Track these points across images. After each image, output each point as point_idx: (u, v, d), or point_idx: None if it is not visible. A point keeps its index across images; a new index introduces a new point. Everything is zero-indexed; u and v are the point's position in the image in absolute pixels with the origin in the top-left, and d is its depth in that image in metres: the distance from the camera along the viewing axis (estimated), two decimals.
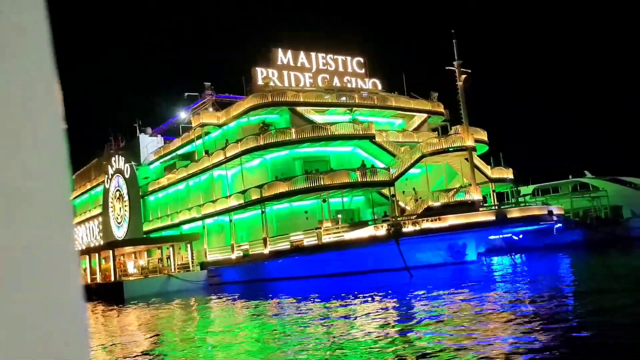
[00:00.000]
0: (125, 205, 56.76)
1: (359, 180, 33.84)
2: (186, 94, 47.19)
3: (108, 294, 38.59)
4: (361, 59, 49.29)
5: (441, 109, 47.05)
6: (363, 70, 49.04)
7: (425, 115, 45.54)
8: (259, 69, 44.19)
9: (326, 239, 32.40)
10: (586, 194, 44.75)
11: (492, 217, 30.86)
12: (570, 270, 28.26)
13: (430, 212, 32.73)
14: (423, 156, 35.87)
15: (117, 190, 58.82)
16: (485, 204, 36.95)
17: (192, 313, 24.27)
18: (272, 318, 18.62)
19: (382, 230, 30.65)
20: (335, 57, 48.16)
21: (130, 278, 39.02)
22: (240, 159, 38.05)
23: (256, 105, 39.55)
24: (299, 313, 18.67)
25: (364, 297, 21.53)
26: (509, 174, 41.60)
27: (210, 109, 46.69)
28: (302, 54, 46.43)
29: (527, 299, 17.00)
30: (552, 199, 45.20)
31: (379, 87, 48.55)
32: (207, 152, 42.61)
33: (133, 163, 55.29)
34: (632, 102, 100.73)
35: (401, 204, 36.16)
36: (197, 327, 18.97)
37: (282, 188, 34.73)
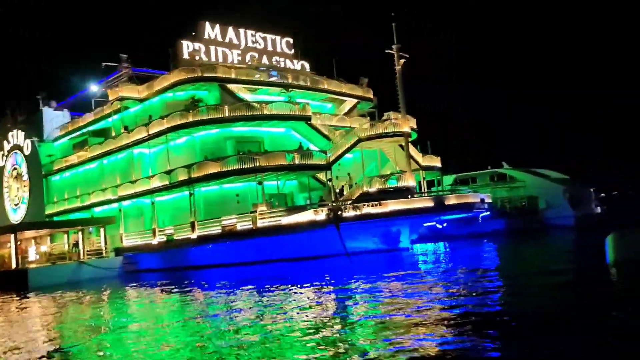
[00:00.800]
0: (25, 186, 51.42)
1: (296, 162, 32.37)
2: (104, 63, 43.13)
3: (8, 283, 34.48)
4: (290, 39, 47.65)
5: (370, 95, 46.60)
6: (292, 51, 47.43)
7: (355, 100, 44.85)
8: (184, 42, 41.26)
9: (261, 223, 30.70)
10: (505, 185, 46.28)
11: (431, 204, 30.68)
12: (501, 257, 28.74)
13: (366, 198, 32.06)
14: (360, 140, 35.07)
15: (15, 168, 53.19)
16: (416, 192, 36.84)
17: (106, 305, 21.64)
18: (198, 311, 16.85)
19: (321, 215, 29.47)
20: (265, 35, 46.17)
21: (36, 265, 35.05)
22: (166, 136, 35.23)
23: (183, 80, 36.81)
24: (230, 305, 16.99)
25: (301, 285, 20.33)
26: (437, 162, 41.95)
27: (128, 84, 43.11)
28: (230, 30, 44.01)
29: (466, 286, 17.02)
30: (473, 189, 46.26)
31: (307, 69, 47.21)
32: (126, 128, 39.21)
33: (35, 139, 50.10)
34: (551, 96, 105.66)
35: (336, 189, 35.13)
36: (112, 323, 16.55)
37: (214, 169, 32.50)
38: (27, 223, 41.41)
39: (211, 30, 42.86)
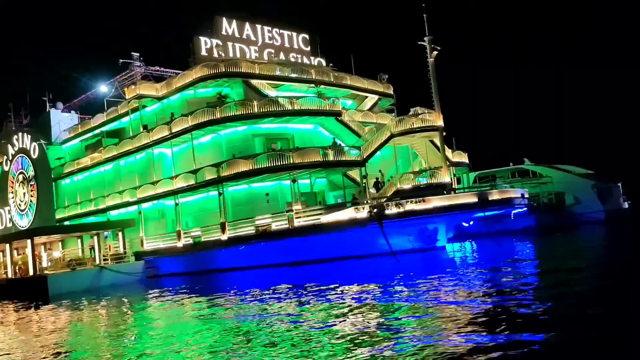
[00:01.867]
0: (32, 190, 49.59)
1: (330, 159, 31.00)
2: (121, 60, 41.61)
3: (26, 291, 32.75)
4: (307, 36, 46.33)
5: (391, 91, 45.40)
6: (309, 48, 46.12)
7: (376, 97, 43.60)
8: (202, 39, 39.83)
9: (298, 222, 29.28)
10: (533, 181, 45.21)
11: (475, 199, 29.41)
12: (552, 254, 27.41)
13: (402, 195, 30.78)
14: (392, 136, 33.74)
15: (21, 173, 51.33)
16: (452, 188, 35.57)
17: (135, 314, 19.84)
18: (231, 318, 15.27)
19: (363, 213, 28.11)
20: (281, 31, 44.82)
21: (56, 271, 33.32)
22: (190, 134, 33.71)
23: (206, 76, 35.34)
24: (265, 314, 15.27)
25: (344, 288, 18.84)
26: (465, 158, 40.78)
27: (145, 81, 41.63)
28: (247, 25, 42.62)
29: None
30: (489, 186, 45.14)
31: (324, 65, 45.91)
32: (145, 127, 37.60)
33: (43, 142, 48.32)
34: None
35: (370, 186, 33.78)
36: (145, 335, 14.92)
37: (244, 167, 31.03)
38: (45, 227, 39.55)
39: (228, 26, 41.45)
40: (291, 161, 30.41)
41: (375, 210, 27.75)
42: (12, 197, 52.58)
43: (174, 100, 37.77)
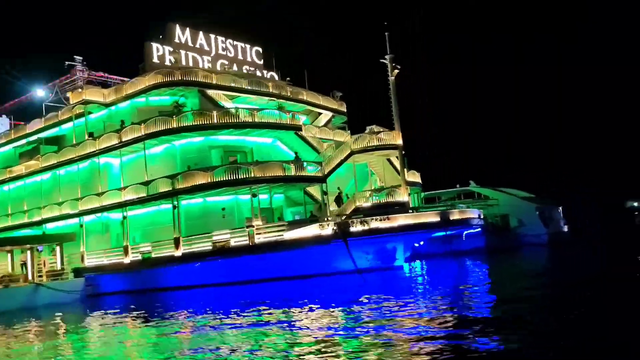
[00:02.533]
0: None
1: (292, 174, 30.18)
2: (67, 62, 39.07)
3: None
4: (260, 49, 45.66)
5: (344, 108, 45.29)
6: (262, 61, 45.42)
7: (330, 114, 43.30)
8: (154, 45, 38.26)
9: (258, 239, 28.15)
10: (480, 203, 46.18)
11: (438, 219, 29.44)
12: (493, 274, 27.62)
13: (363, 213, 30.47)
14: (352, 153, 33.40)
15: None
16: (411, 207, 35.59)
17: (72, 338, 17.40)
18: (185, 344, 14.02)
19: (328, 230, 27.42)
20: (235, 43, 43.94)
21: None
22: (144, 143, 31.91)
23: (160, 84, 33.77)
24: (223, 338, 14.03)
25: (309, 308, 18.11)
26: (418, 178, 41.03)
27: (91, 86, 39.50)
28: (201, 35, 41.44)
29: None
30: (447, 206, 45.80)
31: (278, 79, 45.28)
32: (91, 134, 35.32)
33: None
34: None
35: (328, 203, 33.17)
36: None
37: (202, 179, 29.64)
38: None
39: (181, 34, 40.13)
40: (252, 175, 29.32)
41: (340, 227, 27.12)
42: None
43: (123, 108, 35.81)
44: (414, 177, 40.24)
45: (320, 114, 42.66)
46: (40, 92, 46.39)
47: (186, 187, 29.80)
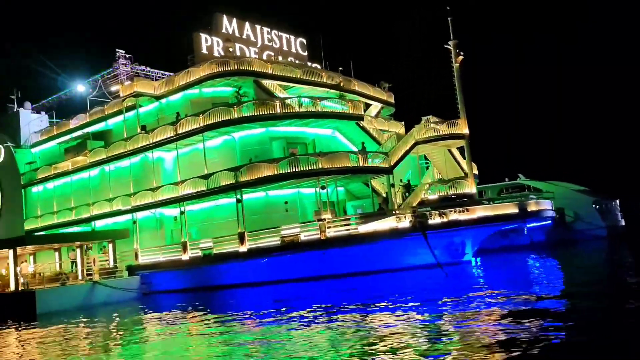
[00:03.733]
0: None
1: (361, 165, 28.83)
2: (118, 52, 37.83)
3: (8, 307, 28.56)
4: (304, 40, 44.44)
5: (392, 99, 43.86)
6: (306, 53, 44.17)
7: (380, 105, 41.95)
8: (203, 35, 37.14)
9: (328, 233, 26.82)
10: (536, 195, 44.48)
11: (516, 210, 27.95)
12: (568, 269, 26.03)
13: (430, 206, 29.10)
14: (417, 143, 32.01)
15: None
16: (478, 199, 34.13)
17: (142, 339, 16.20)
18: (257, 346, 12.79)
19: (405, 222, 26.03)
20: (280, 34, 42.75)
21: (45, 286, 29.22)
22: (202, 135, 30.69)
23: (215, 74, 32.56)
24: (297, 340, 12.76)
25: (391, 304, 16.66)
26: (475, 170, 39.52)
27: (142, 79, 38.50)
28: (247, 25, 40.27)
29: None
30: (506, 199, 44.20)
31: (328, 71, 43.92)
32: (144, 128, 34.18)
33: (10, 144, 43.57)
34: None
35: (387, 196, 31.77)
36: None
37: (267, 171, 28.35)
38: (34, 236, 34.81)
39: (228, 25, 39.01)
40: (319, 166, 27.98)
41: (417, 220, 25.74)
42: None
43: (175, 100, 34.64)
44: (473, 169, 38.77)
45: (369, 105, 41.31)
46: (80, 88, 45.31)
47: (250, 179, 28.50)
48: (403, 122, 40.41)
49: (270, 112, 29.73)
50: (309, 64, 43.04)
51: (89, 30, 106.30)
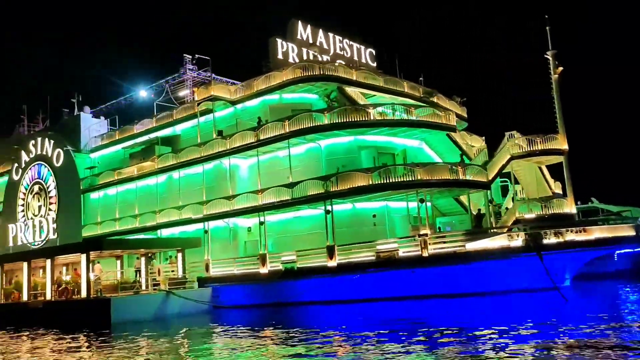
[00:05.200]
0: (52, 203, 43.46)
1: (460, 177, 26.87)
2: (197, 55, 36.73)
3: (78, 317, 26.94)
4: (373, 51, 42.97)
5: (465, 114, 41.95)
6: (375, 64, 42.64)
7: (456, 118, 40.01)
8: (279, 41, 35.85)
9: (432, 249, 24.79)
10: (617, 220, 41.90)
11: (633, 233, 25.65)
12: None
13: (522, 225, 26.91)
14: (512, 158, 29.97)
15: (37, 183, 45.16)
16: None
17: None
18: None
19: (517, 241, 23.92)
20: (351, 43, 41.31)
21: (120, 294, 27.54)
22: (288, 142, 29.06)
23: (299, 79, 31.07)
24: None
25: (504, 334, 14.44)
26: (559, 189, 37.27)
27: (219, 82, 37.34)
28: (321, 33, 38.97)
29: None
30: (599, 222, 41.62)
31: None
32: (220, 133, 32.70)
33: (70, 148, 42.58)
34: None
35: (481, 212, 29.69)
36: None
37: (360, 181, 26.50)
38: (110, 240, 32.81)
39: (303, 31, 37.78)
40: (417, 177, 26.08)
41: (532, 238, 23.60)
42: (23, 211, 46.12)
43: (252, 106, 33.19)
44: (558, 188, 36.53)
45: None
46: (143, 93, 44.35)
47: (342, 189, 26.67)
48: (483, 137, 38.40)
49: (363, 119, 27.97)
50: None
51: (150, 37, 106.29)
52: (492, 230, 26.31)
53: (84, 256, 28.21)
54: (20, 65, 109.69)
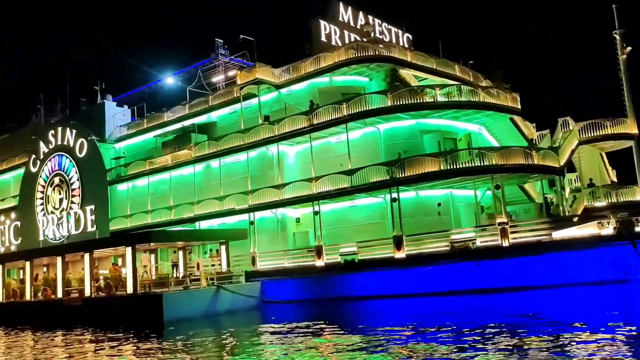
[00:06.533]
0: (75, 196, 41.42)
1: (534, 162, 25.14)
2: (241, 36, 34.69)
3: (125, 314, 25.02)
4: (410, 36, 41.11)
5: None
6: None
7: None
8: (322, 22, 33.98)
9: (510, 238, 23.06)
10: None
11: None
12: None
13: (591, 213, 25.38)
14: (580, 143, 28.38)
15: (58, 174, 43.07)
16: None
17: None
18: None
19: (608, 229, 22.24)
20: (390, 27, 39.45)
21: (170, 290, 25.59)
22: (346, 125, 27.22)
23: (352, 60, 29.25)
24: None
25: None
26: (615, 177, 35.71)
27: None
28: (361, 15, 37.16)
29: None
30: None
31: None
32: (267, 118, 30.79)
33: (95, 138, 40.53)
34: None
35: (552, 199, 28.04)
36: None
37: (431, 167, 24.71)
38: (158, 232, 30.18)
39: (344, 13, 35.94)
40: (492, 162, 24.32)
41: (624, 226, 21.92)
42: (42, 204, 44.01)
43: (300, 90, 31.33)
44: (614, 176, 34.93)
45: None
46: (170, 80, 42.41)
47: (410, 175, 24.85)
48: (534, 124, 36.67)
49: (430, 101, 26.18)
50: None
51: (176, 23, 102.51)
52: (575, 219, 24.65)
53: (129, 249, 26.22)
54: (32, 52, 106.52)
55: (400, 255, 24.63)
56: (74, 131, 41.82)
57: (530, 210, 28.43)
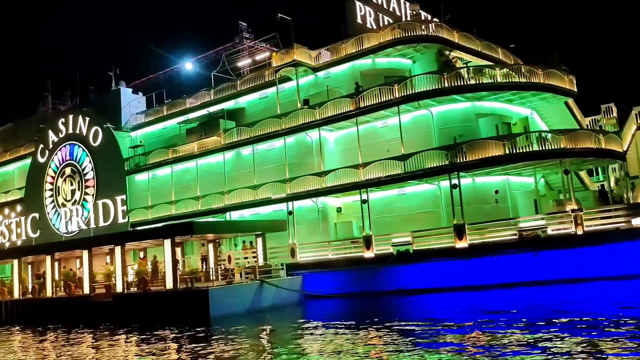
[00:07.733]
0: (89, 187, 39.36)
1: (603, 147, 23.77)
2: (279, 15, 32.80)
3: (175, 310, 23.21)
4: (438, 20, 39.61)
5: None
6: None
7: None
8: (357, 4, 32.33)
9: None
10: None
11: None
12: None
13: None
14: (638, 128, 27.09)
15: (69, 164, 40.95)
16: None
17: None
18: None
19: None
20: (420, 11, 37.88)
21: (211, 285, 23.78)
22: (398, 108, 25.61)
23: (398, 40, 27.68)
24: None
25: None
26: None
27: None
28: None
29: None
30: None
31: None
32: (306, 102, 29.05)
33: (110, 126, 38.47)
34: None
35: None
36: None
37: (494, 151, 23.20)
38: (200, 223, 27.35)
39: None
40: (561, 145, 22.89)
41: None
42: (52, 196, 41.86)
43: (339, 72, 29.65)
44: None
45: None
46: (188, 66, 40.45)
47: (472, 160, 23.32)
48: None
49: (489, 82, 24.66)
50: None
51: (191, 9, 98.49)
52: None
53: (168, 242, 24.37)
54: (39, 37, 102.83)
55: (461, 245, 23.09)
56: (87, 119, 39.74)
57: (588, 197, 27.08)
